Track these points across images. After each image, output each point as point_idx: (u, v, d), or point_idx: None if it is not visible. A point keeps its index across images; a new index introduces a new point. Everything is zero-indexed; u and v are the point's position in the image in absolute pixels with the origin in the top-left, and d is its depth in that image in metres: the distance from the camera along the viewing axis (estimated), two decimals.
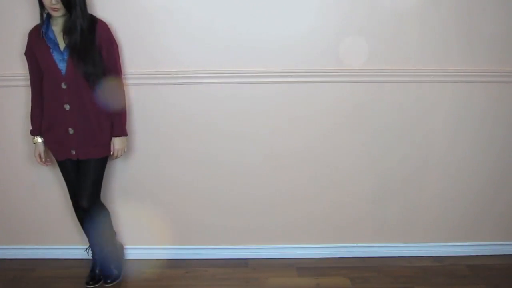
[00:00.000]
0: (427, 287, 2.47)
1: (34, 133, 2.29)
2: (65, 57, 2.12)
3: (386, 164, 2.54)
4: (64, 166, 2.30)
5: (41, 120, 2.25)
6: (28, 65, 2.22)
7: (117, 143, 2.28)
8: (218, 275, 2.57)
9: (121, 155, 2.32)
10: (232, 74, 2.38)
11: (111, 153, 2.30)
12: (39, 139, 2.29)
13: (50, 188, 2.58)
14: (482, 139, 2.52)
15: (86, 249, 2.51)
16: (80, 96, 2.16)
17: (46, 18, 2.12)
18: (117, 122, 2.26)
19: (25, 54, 2.20)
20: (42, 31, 2.11)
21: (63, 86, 2.14)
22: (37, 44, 2.14)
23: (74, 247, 2.68)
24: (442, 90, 2.45)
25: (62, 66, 2.12)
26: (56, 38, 2.12)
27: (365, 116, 2.46)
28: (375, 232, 2.67)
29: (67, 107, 2.17)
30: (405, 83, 2.43)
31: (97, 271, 2.49)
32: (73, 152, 2.23)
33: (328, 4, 2.31)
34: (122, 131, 2.28)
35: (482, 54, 2.39)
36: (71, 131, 2.20)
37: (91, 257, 2.51)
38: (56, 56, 2.12)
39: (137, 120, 2.45)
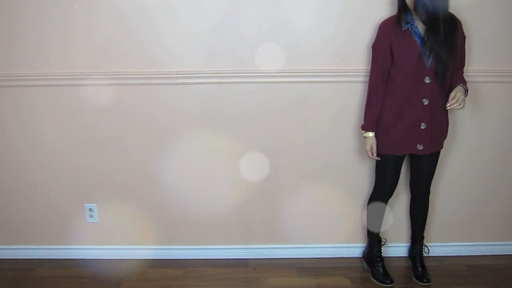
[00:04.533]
0: (427, 287, 2.47)
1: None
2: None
3: None
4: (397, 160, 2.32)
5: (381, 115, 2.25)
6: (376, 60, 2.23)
7: None
8: (218, 275, 2.57)
9: None
10: (232, 74, 2.39)
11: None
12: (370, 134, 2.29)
13: (50, 188, 2.58)
14: (481, 138, 2.52)
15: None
16: (440, 91, 2.17)
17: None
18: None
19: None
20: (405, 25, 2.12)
21: (426, 80, 2.14)
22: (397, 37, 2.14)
23: (74, 247, 2.68)
24: None
25: (426, 60, 2.12)
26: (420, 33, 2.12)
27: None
28: None
29: (426, 101, 2.17)
30: None
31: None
32: (420, 147, 2.24)
33: (328, 4, 2.31)
34: None
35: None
36: (423, 126, 2.21)
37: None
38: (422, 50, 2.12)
39: (137, 120, 2.46)
